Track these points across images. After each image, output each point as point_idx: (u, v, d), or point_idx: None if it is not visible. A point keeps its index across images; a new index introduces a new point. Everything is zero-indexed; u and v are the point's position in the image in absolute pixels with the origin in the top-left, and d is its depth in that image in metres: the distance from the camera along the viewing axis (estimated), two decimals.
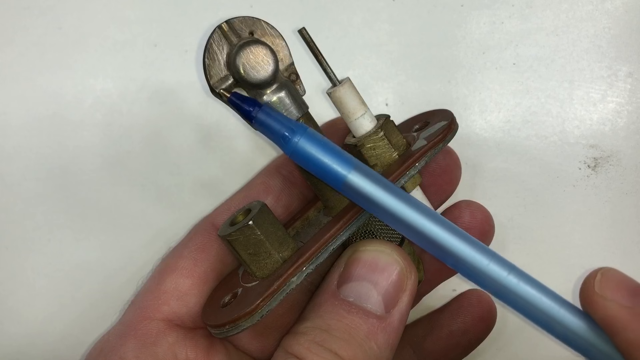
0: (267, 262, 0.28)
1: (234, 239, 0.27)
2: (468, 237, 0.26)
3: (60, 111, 0.35)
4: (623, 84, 0.37)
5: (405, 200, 0.26)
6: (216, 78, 0.27)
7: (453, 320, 0.36)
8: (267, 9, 0.36)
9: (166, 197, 0.36)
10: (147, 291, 0.31)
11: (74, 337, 0.36)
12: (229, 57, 0.27)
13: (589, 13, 0.37)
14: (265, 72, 0.27)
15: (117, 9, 0.35)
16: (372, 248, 0.28)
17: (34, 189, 0.35)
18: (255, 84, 0.27)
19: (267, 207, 0.28)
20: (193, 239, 0.32)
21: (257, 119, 0.26)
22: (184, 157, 0.36)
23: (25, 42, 0.34)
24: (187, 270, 0.31)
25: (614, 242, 0.38)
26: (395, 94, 0.37)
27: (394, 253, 0.27)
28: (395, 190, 0.26)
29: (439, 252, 0.26)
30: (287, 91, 0.27)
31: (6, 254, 0.36)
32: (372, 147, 0.30)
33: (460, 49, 0.37)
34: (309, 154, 0.25)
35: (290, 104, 0.27)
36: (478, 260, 0.25)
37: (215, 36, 0.27)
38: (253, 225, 0.27)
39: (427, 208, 0.26)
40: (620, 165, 0.38)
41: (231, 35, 0.27)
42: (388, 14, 0.36)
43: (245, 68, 0.26)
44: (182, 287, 0.30)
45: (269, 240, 0.27)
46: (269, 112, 0.26)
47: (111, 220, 0.36)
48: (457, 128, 0.31)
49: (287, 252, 0.28)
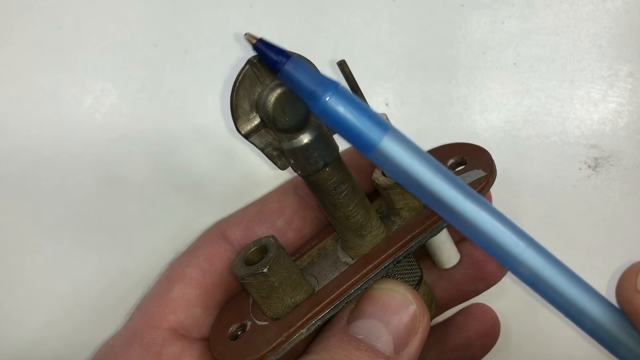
0: (278, 305, 0.28)
1: (247, 282, 0.27)
2: (506, 219, 0.24)
3: (60, 111, 0.35)
4: (624, 84, 0.37)
5: (441, 175, 0.24)
6: (244, 119, 0.25)
7: (457, 334, 0.35)
8: (267, 9, 0.36)
9: (172, 201, 0.36)
10: (154, 298, 0.31)
11: (77, 342, 0.36)
12: (259, 98, 0.25)
13: (589, 13, 0.37)
14: (296, 120, 0.25)
15: (117, 9, 0.35)
16: (387, 287, 0.27)
17: (34, 189, 0.35)
18: (284, 130, 0.25)
19: (283, 250, 0.28)
20: (202, 248, 0.32)
21: (283, 71, 0.23)
22: (184, 157, 0.36)
23: (25, 42, 0.34)
24: (195, 280, 0.31)
25: (615, 242, 0.38)
26: (395, 94, 0.37)
27: (408, 294, 0.27)
28: (431, 162, 0.24)
29: (474, 233, 0.24)
30: (319, 134, 0.25)
31: (6, 254, 0.35)
32: (400, 192, 0.29)
33: (461, 49, 0.37)
34: (339, 114, 0.23)
35: (320, 148, 0.25)
36: (514, 244, 0.24)
37: (246, 74, 0.24)
38: (267, 272, 0.27)
39: (467, 187, 0.24)
40: (620, 165, 0.38)
41: (263, 72, 0.25)
42: (388, 14, 0.36)
43: (275, 113, 0.24)
44: (189, 297, 0.30)
45: (282, 287, 0.27)
46: (298, 65, 0.23)
47: (115, 222, 0.36)
48: (495, 178, 0.29)
49: (299, 296, 0.28)
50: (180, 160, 0.36)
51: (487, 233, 0.24)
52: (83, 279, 0.36)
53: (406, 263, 0.30)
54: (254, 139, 0.25)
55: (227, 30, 0.35)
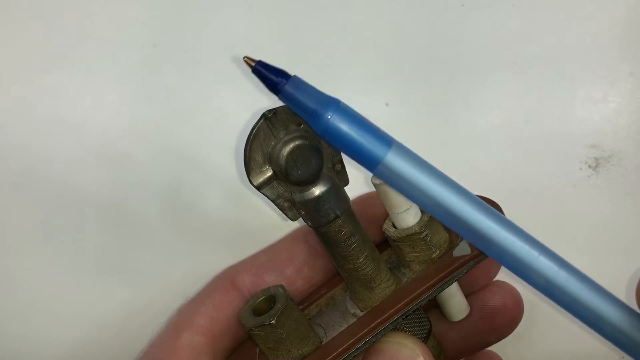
0: (285, 357, 0.27)
1: (255, 334, 0.27)
2: (516, 227, 0.24)
3: (60, 111, 0.35)
4: (624, 84, 0.37)
5: (448, 186, 0.24)
6: (257, 171, 0.25)
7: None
8: (267, 9, 0.36)
9: (173, 200, 0.36)
10: (162, 344, 0.31)
11: None
12: (272, 151, 0.25)
13: (590, 13, 0.37)
14: (308, 174, 0.25)
15: (117, 9, 0.35)
16: (395, 340, 0.27)
17: (33, 189, 0.35)
18: (296, 183, 0.25)
19: (292, 301, 0.28)
20: (211, 296, 0.31)
21: (284, 92, 0.23)
22: (184, 158, 0.36)
23: (25, 42, 0.34)
24: (203, 328, 0.30)
25: (615, 242, 0.38)
26: (395, 94, 0.37)
27: (416, 348, 0.27)
28: (436, 173, 0.24)
29: (483, 243, 0.24)
30: (330, 187, 0.26)
31: (6, 254, 0.35)
32: (410, 245, 0.28)
33: (461, 49, 0.37)
34: (341, 131, 0.23)
35: (331, 200, 0.26)
36: (526, 252, 0.24)
37: (260, 127, 0.24)
38: (275, 324, 0.27)
39: (475, 198, 0.24)
40: (621, 165, 0.38)
41: (277, 126, 0.25)
42: (388, 14, 0.36)
43: (288, 167, 0.24)
44: (196, 345, 0.30)
45: (290, 339, 0.27)
46: (298, 85, 0.23)
47: (115, 222, 0.36)
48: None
49: (307, 347, 0.28)
50: (179, 160, 0.36)
51: (498, 243, 0.24)
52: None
53: (415, 316, 0.30)
54: (266, 191, 0.26)
55: (227, 30, 0.35)
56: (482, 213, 0.24)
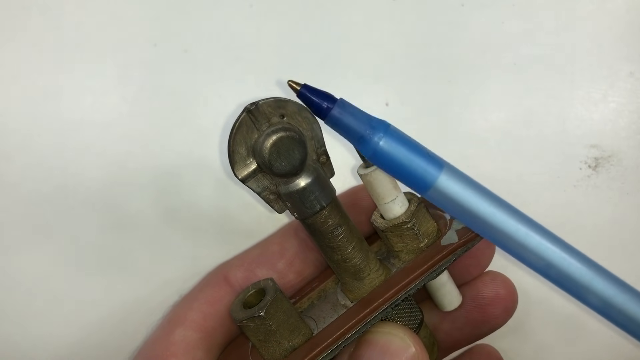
0: (276, 349, 0.28)
1: (245, 326, 0.27)
2: (573, 249, 0.24)
3: (60, 111, 0.35)
4: (624, 84, 0.37)
5: (502, 208, 0.23)
6: (241, 164, 0.25)
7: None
8: (267, 9, 0.36)
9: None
10: (156, 341, 0.31)
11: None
12: (255, 144, 0.25)
13: (590, 12, 0.37)
14: (292, 165, 0.25)
15: (117, 8, 0.35)
16: (385, 330, 0.27)
17: (34, 189, 0.35)
18: (281, 175, 0.25)
19: (281, 293, 0.28)
20: (203, 292, 0.32)
21: (330, 117, 0.23)
22: (184, 157, 0.36)
23: (25, 42, 0.34)
24: (196, 323, 0.31)
25: (615, 242, 0.38)
26: (395, 94, 0.37)
27: (407, 338, 0.27)
28: (489, 195, 0.24)
29: (540, 267, 0.24)
30: (315, 178, 0.26)
31: (6, 254, 0.35)
32: (398, 234, 0.29)
33: (461, 49, 0.37)
34: (391, 156, 0.22)
35: (316, 191, 0.26)
36: (582, 275, 0.23)
37: (242, 120, 0.25)
38: (264, 316, 0.27)
39: (530, 219, 0.24)
40: (621, 165, 0.38)
41: (260, 119, 0.25)
42: (388, 13, 0.36)
43: (271, 159, 0.25)
44: (190, 340, 0.30)
45: (280, 331, 0.27)
46: (344, 109, 0.23)
47: (115, 223, 0.36)
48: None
49: (297, 339, 0.28)
50: (179, 160, 0.36)
51: (556, 265, 0.23)
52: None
53: (406, 306, 0.30)
54: (251, 184, 0.26)
55: (227, 30, 0.35)
56: (541, 236, 0.23)
